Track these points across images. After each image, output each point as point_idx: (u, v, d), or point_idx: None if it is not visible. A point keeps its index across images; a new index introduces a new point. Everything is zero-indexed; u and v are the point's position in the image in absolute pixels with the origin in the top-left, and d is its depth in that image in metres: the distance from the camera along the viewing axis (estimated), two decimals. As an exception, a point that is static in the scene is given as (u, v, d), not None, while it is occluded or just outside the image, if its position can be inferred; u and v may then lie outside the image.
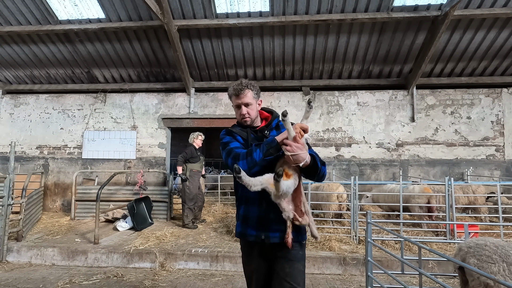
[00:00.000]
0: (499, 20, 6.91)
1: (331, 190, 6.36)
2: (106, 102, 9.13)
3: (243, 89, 1.91)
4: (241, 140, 1.95)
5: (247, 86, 1.93)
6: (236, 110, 2.00)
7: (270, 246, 1.82)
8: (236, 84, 1.96)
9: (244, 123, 1.99)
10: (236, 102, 1.95)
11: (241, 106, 1.94)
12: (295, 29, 7.30)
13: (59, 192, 8.94)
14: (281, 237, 1.75)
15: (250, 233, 1.86)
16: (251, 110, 1.96)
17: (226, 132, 2.04)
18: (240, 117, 1.98)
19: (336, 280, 4.51)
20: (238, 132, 1.98)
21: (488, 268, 1.87)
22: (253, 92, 1.95)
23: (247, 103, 1.94)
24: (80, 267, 5.10)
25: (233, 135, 1.99)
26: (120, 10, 7.03)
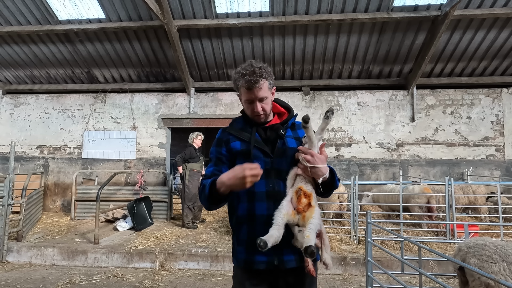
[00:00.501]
0: (499, 20, 6.91)
1: (331, 190, 6.35)
2: (106, 102, 9.13)
3: (257, 80, 1.48)
4: (238, 146, 1.59)
5: (261, 75, 1.49)
6: (246, 105, 1.60)
7: (284, 272, 1.49)
8: (246, 71, 1.50)
9: (257, 121, 1.62)
10: (248, 96, 1.53)
11: (255, 101, 1.54)
12: (295, 29, 7.30)
13: (59, 192, 8.94)
14: (298, 260, 1.47)
15: (260, 259, 1.47)
16: (266, 105, 1.58)
17: (217, 139, 1.69)
18: (252, 114, 1.59)
19: (336, 280, 4.51)
20: (236, 133, 1.63)
21: (489, 268, 1.87)
22: (268, 81, 1.54)
23: (263, 97, 1.54)
24: (80, 267, 5.10)
25: (223, 142, 1.65)
26: (120, 10, 7.03)
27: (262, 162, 1.52)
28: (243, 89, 1.55)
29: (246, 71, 1.50)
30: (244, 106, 1.62)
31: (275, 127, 1.63)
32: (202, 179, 1.59)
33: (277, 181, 1.52)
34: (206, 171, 1.64)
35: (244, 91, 1.55)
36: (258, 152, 1.56)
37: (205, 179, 1.57)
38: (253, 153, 1.55)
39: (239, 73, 1.54)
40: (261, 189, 1.52)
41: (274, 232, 1.30)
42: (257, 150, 1.57)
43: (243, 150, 1.58)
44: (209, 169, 1.63)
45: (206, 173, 1.62)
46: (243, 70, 1.52)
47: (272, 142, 1.60)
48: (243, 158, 1.55)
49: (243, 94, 1.56)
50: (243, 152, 1.58)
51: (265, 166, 1.51)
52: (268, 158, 1.56)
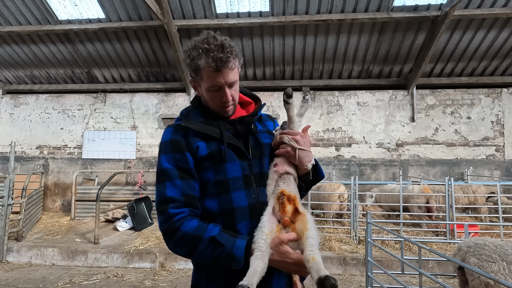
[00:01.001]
0: (499, 20, 6.91)
1: (332, 190, 6.36)
2: (106, 102, 9.13)
3: (228, 58, 1.12)
4: (203, 148, 1.17)
5: (232, 52, 1.14)
6: (210, 94, 1.19)
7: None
8: (212, 46, 1.10)
9: (223, 114, 1.24)
10: (215, 81, 1.14)
11: (224, 87, 1.16)
12: (295, 29, 7.30)
13: (59, 192, 8.94)
14: (288, 284, 1.19)
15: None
16: (236, 93, 1.23)
17: (172, 142, 1.19)
18: (219, 105, 1.21)
19: (336, 280, 4.51)
20: (199, 128, 1.19)
21: (489, 267, 1.87)
22: (238, 60, 1.20)
23: (234, 82, 1.18)
24: (80, 267, 5.10)
25: (183, 146, 1.18)
26: (120, 10, 7.03)
27: (237, 167, 1.18)
28: (207, 71, 1.13)
29: (211, 46, 1.10)
30: (206, 95, 1.21)
31: (246, 120, 1.26)
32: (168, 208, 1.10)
33: (261, 190, 1.18)
34: (167, 191, 1.12)
35: (209, 74, 1.13)
36: (232, 154, 1.19)
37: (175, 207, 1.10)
38: (226, 154, 1.16)
39: (201, 49, 1.11)
40: (242, 204, 1.15)
41: (257, 265, 0.96)
42: (229, 150, 1.19)
43: (212, 153, 1.16)
44: (172, 189, 1.12)
45: (171, 195, 1.11)
46: (207, 44, 1.10)
47: (243, 140, 1.25)
48: (212, 164, 1.16)
49: (207, 78, 1.15)
50: (212, 156, 1.16)
51: (243, 171, 1.18)
52: (245, 160, 1.20)
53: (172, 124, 1.28)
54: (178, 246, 1.10)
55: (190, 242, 1.07)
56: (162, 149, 1.20)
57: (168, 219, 1.10)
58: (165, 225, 1.11)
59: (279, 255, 1.03)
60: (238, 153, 1.20)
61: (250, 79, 8.70)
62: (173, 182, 1.14)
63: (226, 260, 1.04)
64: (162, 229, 1.12)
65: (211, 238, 1.05)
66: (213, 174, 1.17)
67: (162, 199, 1.13)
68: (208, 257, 1.06)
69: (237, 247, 1.04)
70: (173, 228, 1.09)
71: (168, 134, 1.22)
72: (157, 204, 1.15)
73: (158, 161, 1.20)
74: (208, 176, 1.17)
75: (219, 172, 1.17)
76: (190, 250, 1.08)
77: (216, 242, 1.05)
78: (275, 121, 1.46)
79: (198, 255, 1.08)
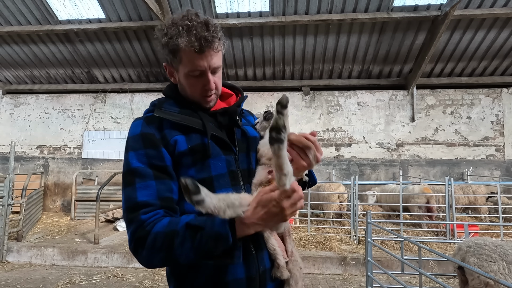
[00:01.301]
0: (499, 20, 6.91)
1: (332, 190, 6.36)
2: (106, 102, 9.13)
3: (214, 39, 0.97)
4: (182, 143, 1.01)
5: (216, 32, 0.98)
6: (190, 81, 1.04)
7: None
8: (194, 23, 0.95)
9: (204, 104, 1.09)
10: (197, 64, 0.99)
11: (207, 72, 1.01)
12: (295, 29, 7.30)
13: (59, 192, 8.94)
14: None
15: None
16: (219, 80, 1.09)
17: (143, 135, 1.00)
18: (200, 93, 1.06)
19: (336, 280, 4.51)
20: (179, 119, 1.03)
21: (488, 267, 1.87)
22: (221, 43, 1.04)
23: (218, 66, 1.04)
24: (80, 267, 5.10)
25: (157, 141, 1.00)
26: (120, 10, 7.03)
27: (223, 162, 1.04)
28: (188, 52, 0.97)
29: (193, 23, 0.95)
30: (185, 82, 1.05)
31: (230, 110, 1.13)
32: (140, 214, 0.90)
33: (248, 188, 1.06)
34: (138, 195, 0.92)
35: (190, 56, 0.98)
36: (215, 147, 1.04)
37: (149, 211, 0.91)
38: (209, 148, 1.02)
39: (181, 26, 0.95)
40: None
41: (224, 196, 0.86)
42: (212, 143, 1.04)
43: (194, 148, 1.01)
44: (144, 192, 0.93)
45: (143, 199, 0.92)
46: (188, 21, 0.95)
47: (227, 133, 1.11)
48: (193, 161, 1.00)
49: (188, 61, 0.99)
50: (194, 151, 1.00)
51: (229, 167, 1.04)
52: (231, 155, 1.07)
53: (142, 116, 1.08)
54: (152, 253, 0.88)
55: (164, 242, 0.86)
56: (131, 144, 1.00)
57: (139, 226, 0.89)
58: (135, 235, 0.89)
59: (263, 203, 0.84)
60: (223, 147, 1.06)
61: (250, 79, 8.70)
62: (145, 183, 0.94)
63: (210, 244, 0.84)
64: (132, 240, 0.90)
65: (186, 225, 0.86)
66: (195, 171, 1.00)
67: (132, 205, 0.92)
68: (188, 250, 0.85)
69: (218, 223, 0.85)
70: (143, 234, 0.88)
71: (137, 127, 1.02)
72: (126, 212, 0.93)
73: (125, 159, 0.99)
74: (189, 175, 0.98)
75: (202, 169, 1.01)
76: (166, 252, 0.86)
77: (192, 228, 0.85)
78: (254, 116, 1.34)
79: (177, 253, 0.85)
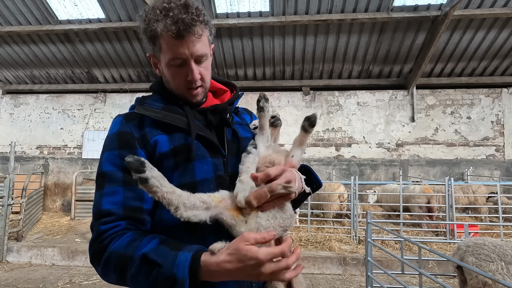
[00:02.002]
0: (499, 20, 6.91)
1: (332, 190, 6.36)
2: (106, 102, 9.13)
3: (194, 22, 0.86)
4: (164, 143, 0.91)
5: (199, 15, 0.88)
6: (171, 71, 0.94)
7: None
8: (172, 5, 0.86)
9: (189, 99, 0.98)
10: (177, 51, 0.89)
11: (189, 61, 0.90)
12: (295, 29, 7.30)
13: (59, 192, 8.94)
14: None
15: None
16: (206, 71, 0.97)
17: (119, 134, 0.92)
18: (184, 85, 0.95)
19: (336, 280, 4.51)
20: (161, 116, 0.93)
21: (487, 266, 1.87)
22: (208, 29, 0.93)
23: (202, 55, 0.92)
24: (80, 267, 5.10)
25: (135, 141, 0.91)
26: (120, 10, 7.03)
27: (209, 165, 0.92)
28: (166, 38, 0.87)
29: (171, 5, 0.86)
30: (167, 72, 0.95)
31: (220, 108, 1.01)
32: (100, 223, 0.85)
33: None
34: (103, 202, 0.86)
35: (168, 42, 0.88)
36: (201, 148, 0.93)
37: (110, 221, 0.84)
38: (194, 149, 0.90)
39: (158, 9, 0.87)
40: None
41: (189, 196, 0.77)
42: (198, 144, 0.93)
43: (176, 149, 0.91)
44: (110, 198, 0.85)
45: (107, 207, 0.85)
46: (166, 3, 0.86)
47: (217, 133, 1.00)
48: (175, 163, 0.90)
49: (167, 47, 0.89)
50: (176, 153, 0.91)
51: (215, 171, 0.93)
52: (218, 157, 0.95)
53: (123, 113, 0.97)
54: (106, 271, 0.81)
55: (117, 266, 0.77)
56: (106, 144, 0.92)
57: (96, 238, 0.83)
58: (92, 247, 0.84)
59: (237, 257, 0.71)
60: (210, 148, 0.94)
61: (250, 79, 8.70)
62: (113, 189, 0.85)
63: (165, 286, 0.72)
64: (89, 252, 0.85)
65: (142, 257, 0.74)
66: (178, 175, 0.89)
67: (95, 212, 0.86)
68: (142, 283, 0.75)
69: (178, 264, 0.72)
70: (99, 249, 0.81)
71: (116, 125, 0.93)
72: (92, 219, 0.88)
73: (99, 160, 0.91)
74: (171, 178, 0.86)
75: (184, 173, 0.90)
76: (119, 276, 0.78)
77: (149, 262, 0.74)
78: (252, 115, 1.22)
79: (131, 283, 0.77)
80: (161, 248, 0.76)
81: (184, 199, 0.75)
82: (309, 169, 1.02)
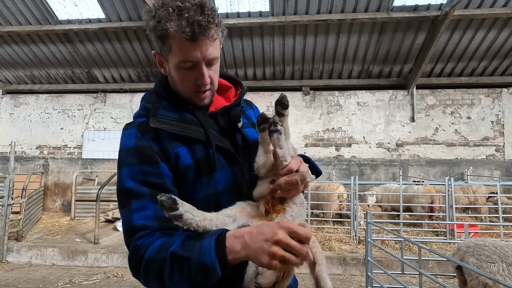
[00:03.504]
0: (499, 20, 6.91)
1: (332, 190, 6.36)
2: (106, 102, 9.13)
3: (209, 25, 0.84)
4: (185, 156, 0.91)
5: (213, 16, 0.86)
6: (181, 73, 0.91)
7: None
8: (186, 4, 0.82)
9: (197, 103, 0.96)
10: (189, 54, 0.86)
11: (200, 64, 0.88)
12: (295, 29, 7.29)
13: (59, 192, 8.94)
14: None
15: None
16: (215, 74, 0.95)
17: (137, 148, 0.89)
18: (192, 89, 0.93)
19: (336, 280, 4.51)
20: (179, 129, 0.91)
21: (487, 267, 1.87)
22: (220, 31, 0.90)
23: (214, 58, 0.90)
24: (80, 267, 5.10)
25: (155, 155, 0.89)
26: (120, 10, 7.03)
27: (228, 175, 0.94)
28: (178, 39, 0.83)
29: (186, 4, 0.81)
30: (175, 74, 0.91)
31: (233, 114, 1.00)
32: (136, 239, 0.82)
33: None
34: (135, 218, 0.84)
35: (180, 44, 0.84)
36: (221, 159, 0.94)
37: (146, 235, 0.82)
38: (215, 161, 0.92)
39: (171, 8, 0.82)
40: None
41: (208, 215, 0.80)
42: (218, 154, 0.94)
43: (199, 160, 0.91)
44: (141, 213, 0.84)
45: (140, 222, 0.83)
46: (180, 2, 0.82)
47: (229, 138, 0.99)
48: (198, 175, 0.91)
49: (178, 49, 0.85)
50: (199, 164, 0.91)
51: (234, 180, 0.94)
52: (235, 165, 0.96)
53: (134, 123, 0.94)
54: (147, 280, 0.81)
55: (155, 271, 0.78)
56: (124, 159, 0.89)
57: (134, 252, 0.82)
58: (131, 261, 0.83)
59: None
60: (227, 157, 0.95)
61: (250, 79, 8.69)
62: (141, 203, 0.84)
63: (200, 276, 0.73)
64: (130, 267, 0.84)
65: (170, 256, 0.75)
66: (201, 187, 0.91)
67: (129, 230, 0.84)
68: (179, 282, 0.76)
69: (204, 251, 0.72)
70: (137, 261, 0.81)
71: (131, 138, 0.90)
72: (125, 235, 0.86)
73: (118, 176, 0.89)
74: (194, 190, 0.90)
75: (208, 185, 0.91)
76: (159, 281, 0.78)
77: (178, 259, 0.74)
78: (254, 107, 1.21)
79: (169, 284, 0.77)
80: (187, 243, 0.77)
81: (215, 222, 0.79)
82: (307, 158, 1.05)
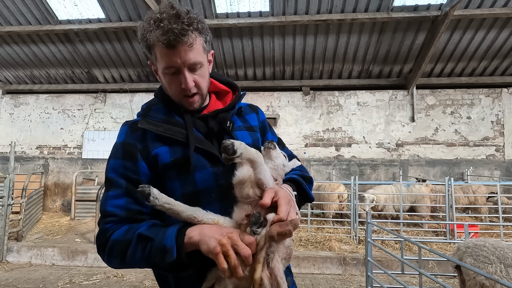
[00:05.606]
0: (499, 20, 6.91)
1: (332, 190, 6.36)
2: (106, 102, 9.13)
3: (185, 31, 0.89)
4: (165, 155, 0.97)
5: (191, 23, 0.90)
6: (167, 78, 0.98)
7: None
8: (164, 16, 0.89)
9: (186, 106, 1.02)
10: (169, 60, 0.92)
11: (182, 69, 0.94)
12: (295, 29, 7.29)
13: (59, 192, 8.94)
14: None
15: None
16: (201, 79, 0.99)
17: (124, 145, 1.00)
18: (180, 93, 0.99)
19: (336, 280, 4.51)
20: (160, 129, 0.98)
21: (485, 268, 1.86)
22: (203, 37, 0.95)
23: (195, 63, 0.94)
24: (80, 267, 5.10)
25: (137, 152, 0.98)
26: (120, 10, 7.03)
27: (209, 175, 0.97)
28: (159, 47, 0.91)
29: (163, 15, 0.88)
30: (164, 79, 0.99)
31: (220, 116, 1.04)
32: (105, 222, 0.93)
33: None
34: (108, 204, 0.95)
35: (161, 52, 0.92)
36: (201, 159, 0.97)
37: (113, 222, 0.93)
38: (193, 160, 0.94)
39: (152, 20, 0.90)
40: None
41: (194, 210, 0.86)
42: (198, 155, 0.97)
43: (177, 161, 0.96)
44: (114, 201, 0.94)
45: (111, 209, 0.93)
46: (159, 14, 0.89)
47: (217, 140, 1.02)
48: (177, 173, 0.97)
49: (160, 57, 0.93)
50: (177, 164, 0.96)
51: (216, 180, 0.97)
52: (219, 166, 0.99)
53: (130, 121, 1.07)
54: (110, 258, 0.92)
55: (119, 251, 0.88)
56: (113, 152, 1.01)
57: (101, 233, 0.93)
58: (98, 240, 0.95)
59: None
60: (210, 158, 0.98)
61: (250, 79, 8.70)
62: (116, 193, 0.95)
63: (158, 256, 0.82)
64: (96, 244, 0.96)
65: (137, 236, 0.86)
66: (180, 185, 0.96)
67: (102, 212, 0.96)
68: (140, 260, 0.85)
69: (167, 236, 0.82)
70: (103, 241, 0.92)
71: (122, 135, 1.03)
72: (100, 216, 0.98)
73: (106, 165, 1.01)
74: (174, 187, 0.97)
75: (186, 183, 0.96)
76: (121, 259, 0.89)
77: (144, 238, 0.85)
78: (259, 111, 1.21)
79: (130, 261, 0.87)
80: (154, 227, 0.88)
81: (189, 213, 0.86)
82: (299, 182, 1.01)
